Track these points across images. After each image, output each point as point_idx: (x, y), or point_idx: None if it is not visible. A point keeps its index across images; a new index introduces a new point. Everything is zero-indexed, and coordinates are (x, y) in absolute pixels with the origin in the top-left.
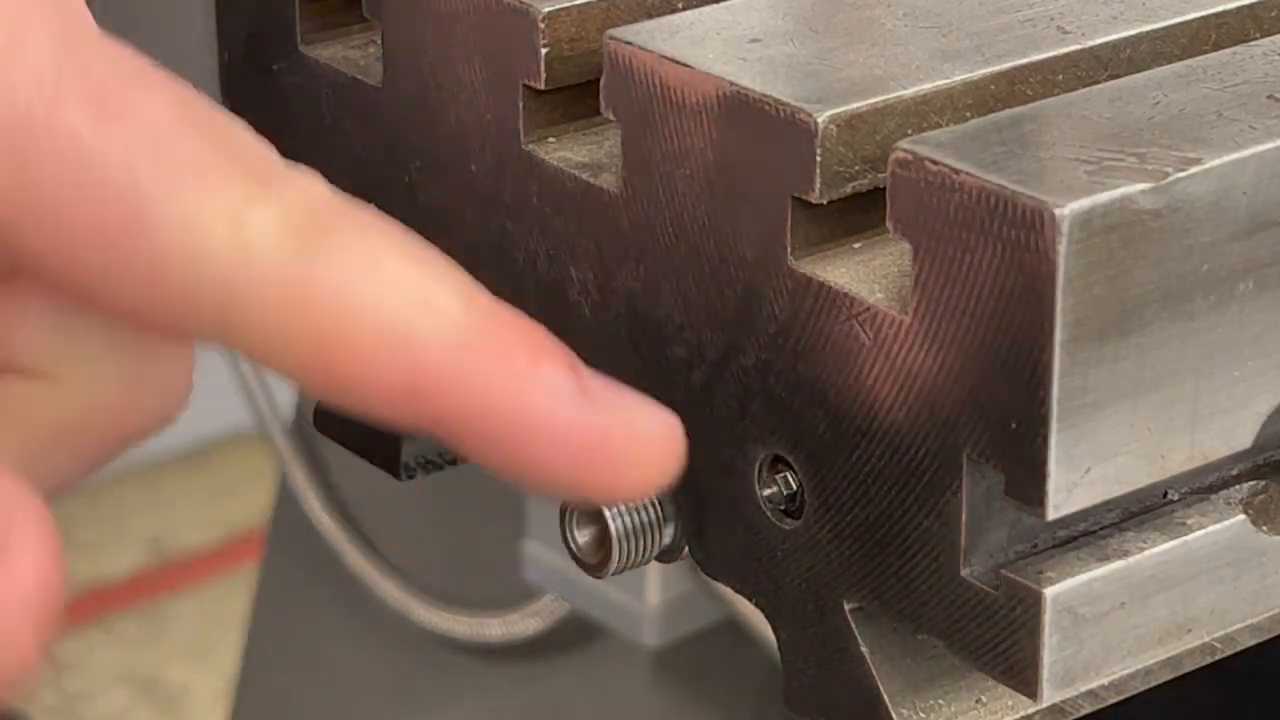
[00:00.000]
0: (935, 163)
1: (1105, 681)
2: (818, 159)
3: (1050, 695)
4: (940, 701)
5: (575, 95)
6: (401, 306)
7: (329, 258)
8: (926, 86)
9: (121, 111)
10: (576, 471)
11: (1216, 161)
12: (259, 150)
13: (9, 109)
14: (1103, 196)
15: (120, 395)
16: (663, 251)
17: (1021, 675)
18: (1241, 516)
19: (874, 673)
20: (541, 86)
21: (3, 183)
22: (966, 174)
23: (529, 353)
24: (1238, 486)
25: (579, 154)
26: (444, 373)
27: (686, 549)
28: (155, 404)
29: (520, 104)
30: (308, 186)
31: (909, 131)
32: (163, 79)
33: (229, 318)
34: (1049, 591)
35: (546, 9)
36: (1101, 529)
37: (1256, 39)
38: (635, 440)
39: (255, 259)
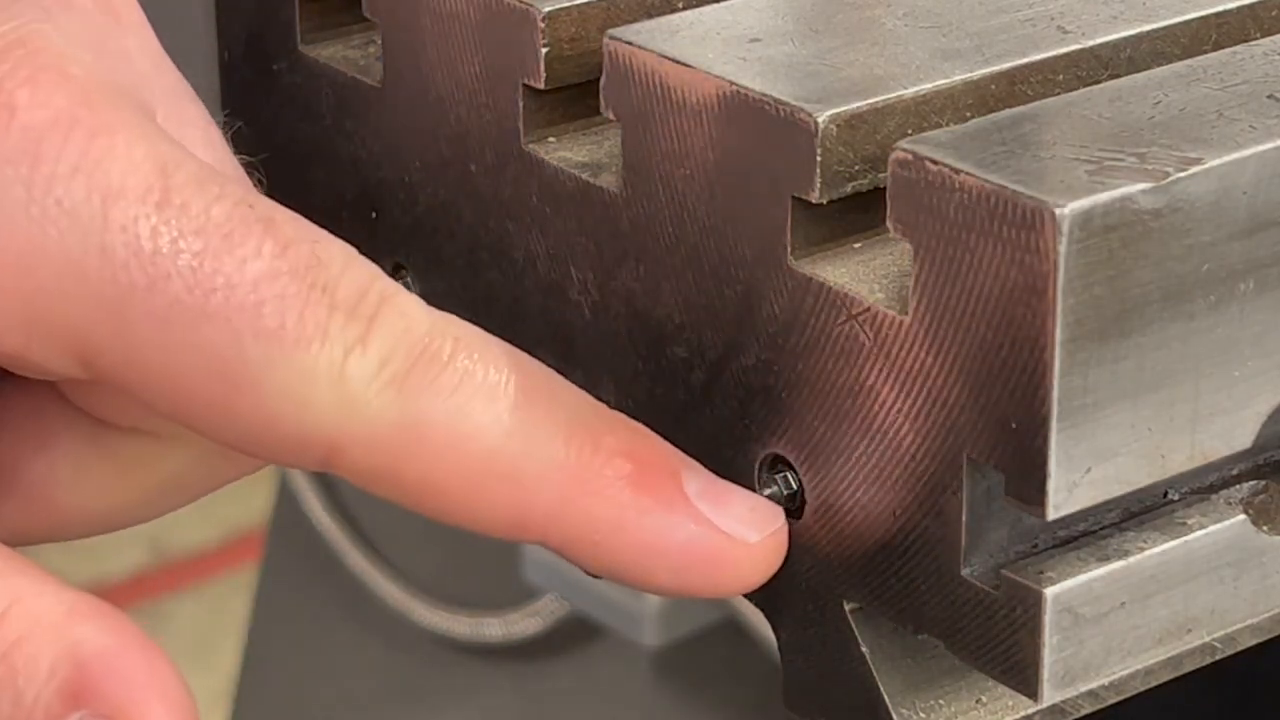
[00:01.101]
0: (935, 163)
1: (1105, 681)
2: (818, 159)
3: (1050, 695)
4: (940, 701)
5: (575, 95)
6: (504, 449)
7: (430, 403)
8: (926, 86)
9: (221, 271)
10: (679, 579)
11: (1217, 161)
12: (354, 279)
13: (107, 272)
14: (1103, 196)
15: (220, 452)
16: (663, 251)
17: (1021, 675)
18: (1242, 516)
19: (874, 673)
20: (541, 86)
21: (107, 343)
22: (966, 174)
23: (631, 479)
24: (1238, 486)
25: (579, 154)
26: (550, 507)
27: None
28: (249, 460)
29: (520, 104)
30: (404, 317)
31: (909, 131)
32: (257, 213)
33: (336, 459)
34: (1049, 591)
35: (546, 9)
36: (1101, 529)
37: (1257, 39)
38: (733, 549)
39: (358, 411)
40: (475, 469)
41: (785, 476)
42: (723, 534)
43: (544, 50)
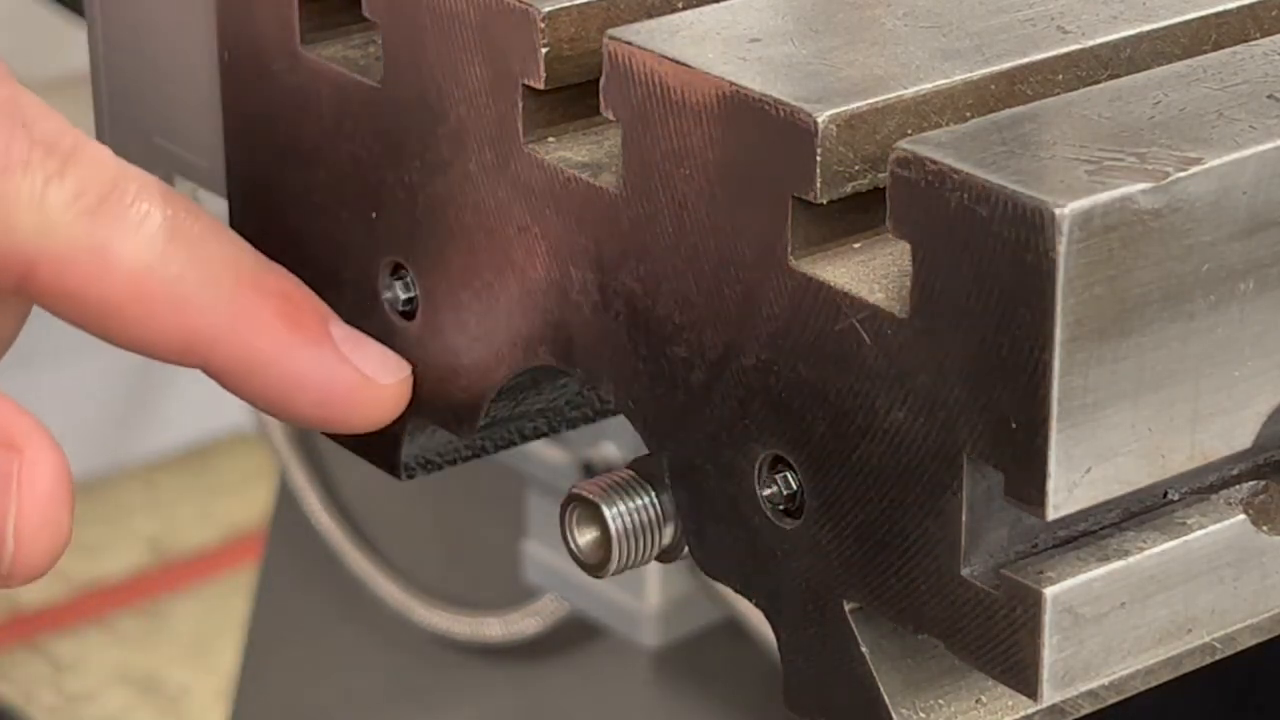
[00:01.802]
0: (935, 163)
1: (1105, 681)
2: (818, 159)
3: (1050, 695)
4: (940, 701)
5: (575, 95)
6: (179, 280)
7: (118, 233)
8: (926, 86)
9: None
10: (319, 412)
11: (1217, 161)
12: (52, 121)
13: None
14: (1103, 196)
15: None
16: (663, 251)
17: (1021, 675)
18: (1241, 516)
19: (874, 673)
20: (541, 86)
21: None
22: (966, 174)
23: (286, 319)
24: (1238, 486)
25: (579, 154)
26: (214, 335)
27: (686, 549)
28: None
29: (520, 104)
30: (96, 158)
31: (909, 131)
32: None
33: (29, 280)
34: (1049, 591)
35: (546, 9)
36: (1101, 529)
37: (1256, 39)
38: (367, 388)
39: (54, 233)
40: (152, 296)
41: (785, 476)
42: (361, 374)
43: (544, 50)
